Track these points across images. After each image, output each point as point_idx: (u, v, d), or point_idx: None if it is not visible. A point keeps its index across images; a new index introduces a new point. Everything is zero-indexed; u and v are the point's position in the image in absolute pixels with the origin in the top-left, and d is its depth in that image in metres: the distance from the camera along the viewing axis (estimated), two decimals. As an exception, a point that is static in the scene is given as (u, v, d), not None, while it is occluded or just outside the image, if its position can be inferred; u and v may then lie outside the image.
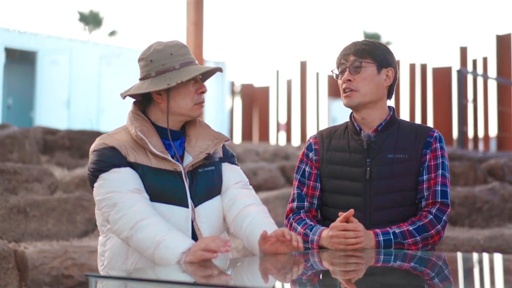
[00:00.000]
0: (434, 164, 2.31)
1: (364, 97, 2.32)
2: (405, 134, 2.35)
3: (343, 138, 2.41)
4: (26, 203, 4.15)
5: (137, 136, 2.13)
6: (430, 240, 2.25)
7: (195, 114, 2.21)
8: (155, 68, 2.18)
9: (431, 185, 2.29)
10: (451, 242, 4.70)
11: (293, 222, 2.39)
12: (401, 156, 2.31)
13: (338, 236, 2.16)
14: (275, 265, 1.94)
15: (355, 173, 2.32)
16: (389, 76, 2.36)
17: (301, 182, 2.44)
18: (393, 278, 1.78)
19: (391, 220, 2.27)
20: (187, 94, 2.18)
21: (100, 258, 2.20)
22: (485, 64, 10.72)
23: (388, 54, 2.38)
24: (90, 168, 2.14)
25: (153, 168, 2.13)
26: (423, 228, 2.24)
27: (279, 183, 6.31)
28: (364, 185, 2.30)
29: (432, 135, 2.35)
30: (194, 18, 8.50)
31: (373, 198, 2.29)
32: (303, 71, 12.39)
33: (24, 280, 3.62)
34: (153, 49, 2.21)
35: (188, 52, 2.21)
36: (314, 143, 2.47)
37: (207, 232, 2.16)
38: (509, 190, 5.65)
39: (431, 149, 2.32)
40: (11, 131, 5.37)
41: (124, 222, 2.02)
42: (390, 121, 2.37)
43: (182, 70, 2.15)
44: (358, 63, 2.32)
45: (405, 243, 2.22)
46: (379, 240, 2.21)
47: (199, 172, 2.20)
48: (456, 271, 1.94)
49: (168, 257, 1.94)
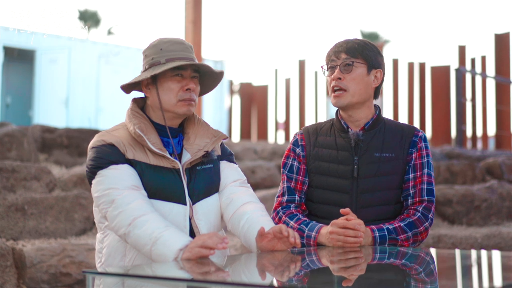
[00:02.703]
0: (419, 163, 2.35)
1: (353, 97, 2.34)
2: (391, 133, 2.38)
3: (330, 135, 2.42)
4: (24, 201, 4.15)
5: (136, 133, 2.13)
6: (419, 236, 2.30)
7: (180, 111, 2.19)
8: (147, 62, 2.21)
9: (417, 184, 2.34)
10: (449, 240, 4.71)
11: (283, 216, 2.39)
12: (388, 155, 2.35)
13: (338, 233, 2.18)
14: (272, 262, 1.94)
15: (343, 170, 2.34)
16: (378, 78, 2.39)
17: (289, 178, 2.46)
18: (390, 275, 1.78)
19: (376, 217, 2.30)
20: (171, 89, 2.18)
21: (97, 255, 2.20)
22: (483, 63, 10.72)
23: (378, 55, 2.39)
24: (88, 165, 2.14)
25: (151, 165, 2.13)
26: (413, 225, 2.28)
27: (278, 181, 6.31)
28: (351, 183, 2.33)
29: (418, 134, 2.40)
30: (193, 17, 8.50)
31: (359, 195, 2.31)
32: (302, 70, 12.39)
33: (22, 278, 3.62)
34: (150, 44, 2.24)
35: (182, 49, 2.20)
36: (300, 139, 2.48)
37: (205, 230, 2.16)
38: (507, 189, 5.65)
39: (416, 148, 2.37)
40: (10, 129, 5.36)
41: (121, 218, 2.02)
42: (377, 120, 2.40)
43: (165, 65, 2.16)
44: (350, 62, 2.33)
45: (398, 238, 2.25)
46: (376, 236, 2.24)
47: (197, 170, 2.21)
48: (454, 267, 1.94)
49: (165, 253, 1.94)
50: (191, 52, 2.23)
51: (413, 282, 1.67)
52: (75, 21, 31.98)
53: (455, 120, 9.08)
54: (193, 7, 8.52)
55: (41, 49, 12.73)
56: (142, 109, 2.25)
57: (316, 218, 2.35)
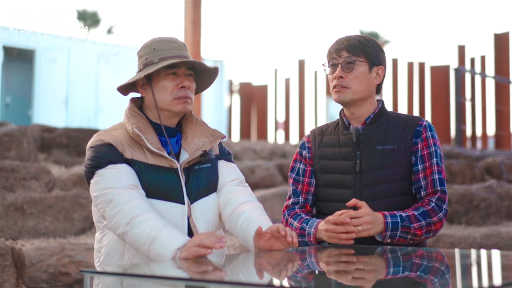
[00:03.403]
0: (427, 153, 2.33)
1: (355, 94, 2.34)
2: (394, 125, 2.37)
3: (334, 134, 2.43)
4: (24, 201, 4.15)
5: (134, 133, 2.13)
6: (433, 226, 2.27)
7: (176, 109, 2.20)
8: (142, 62, 2.22)
9: (428, 175, 2.31)
10: (448, 240, 4.71)
11: (288, 217, 2.40)
12: (390, 147, 2.33)
13: (330, 230, 2.19)
14: (269, 261, 1.95)
15: (345, 166, 2.34)
16: (379, 75, 2.38)
17: (296, 180, 2.46)
18: (387, 275, 1.78)
19: (382, 210, 2.28)
20: (166, 87, 2.18)
21: (96, 255, 2.20)
22: (483, 62, 10.73)
23: (380, 51, 2.38)
24: (86, 164, 2.15)
25: (149, 164, 2.13)
26: (427, 214, 2.26)
27: (277, 181, 6.31)
28: (354, 178, 2.32)
29: (422, 124, 2.37)
30: (192, 16, 8.50)
31: (363, 189, 2.31)
32: (301, 70, 12.39)
33: (21, 277, 3.62)
34: (143, 44, 2.25)
35: (175, 48, 2.21)
36: (307, 142, 2.49)
37: (203, 229, 2.17)
38: (506, 188, 5.66)
39: (421, 138, 2.34)
40: (9, 128, 5.37)
41: (120, 218, 2.03)
42: (379, 113, 2.38)
43: (158, 64, 2.16)
44: (352, 60, 2.32)
45: (412, 226, 2.23)
46: (387, 222, 2.22)
47: (195, 169, 2.21)
48: (454, 267, 1.94)
49: (163, 252, 1.94)
50: (184, 50, 2.23)
51: (409, 282, 1.67)
52: (75, 21, 32.02)
53: (455, 120, 9.08)
54: (193, 7, 8.52)
55: (40, 49, 12.73)
56: (140, 109, 2.26)
57: (324, 216, 2.34)
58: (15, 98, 13.56)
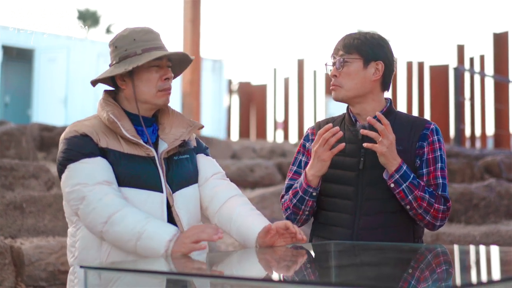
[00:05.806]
0: (432, 157, 2.31)
1: (348, 92, 2.33)
2: (401, 125, 2.34)
3: (340, 128, 2.41)
4: (23, 199, 4.15)
5: (109, 119, 2.08)
6: (431, 208, 2.24)
7: (159, 101, 2.16)
8: (119, 54, 2.16)
9: (431, 178, 2.30)
10: (448, 238, 4.72)
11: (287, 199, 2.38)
12: (396, 147, 2.31)
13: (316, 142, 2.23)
14: (273, 257, 1.95)
15: (349, 162, 2.33)
16: (379, 69, 2.34)
17: (297, 172, 2.44)
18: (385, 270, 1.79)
19: (381, 210, 2.27)
20: (150, 80, 2.14)
21: (70, 250, 2.12)
22: (482, 62, 10.74)
23: (378, 47, 2.35)
24: (59, 157, 2.07)
25: (125, 154, 2.08)
26: (434, 196, 2.24)
27: (276, 180, 6.31)
28: (357, 175, 2.31)
29: (429, 127, 2.35)
30: (191, 16, 8.50)
31: (364, 188, 2.29)
32: (301, 69, 12.40)
33: (21, 275, 3.62)
34: (119, 35, 2.19)
35: (154, 38, 2.17)
36: (311, 134, 2.47)
37: (185, 218, 2.12)
38: (506, 187, 5.66)
39: (428, 142, 2.32)
40: (8, 127, 5.37)
41: (95, 216, 1.97)
42: (387, 112, 2.36)
43: (143, 56, 2.11)
44: (343, 59, 2.32)
45: (418, 190, 2.21)
46: (402, 166, 2.21)
47: (175, 160, 2.17)
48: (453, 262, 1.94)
49: (154, 247, 1.90)
50: (161, 40, 2.20)
51: (410, 277, 1.67)
52: (75, 20, 32.02)
53: (454, 119, 9.07)
54: (192, 6, 8.53)
55: (40, 48, 12.74)
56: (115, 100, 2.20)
57: (323, 211, 2.34)
58: (15, 97, 13.57)
